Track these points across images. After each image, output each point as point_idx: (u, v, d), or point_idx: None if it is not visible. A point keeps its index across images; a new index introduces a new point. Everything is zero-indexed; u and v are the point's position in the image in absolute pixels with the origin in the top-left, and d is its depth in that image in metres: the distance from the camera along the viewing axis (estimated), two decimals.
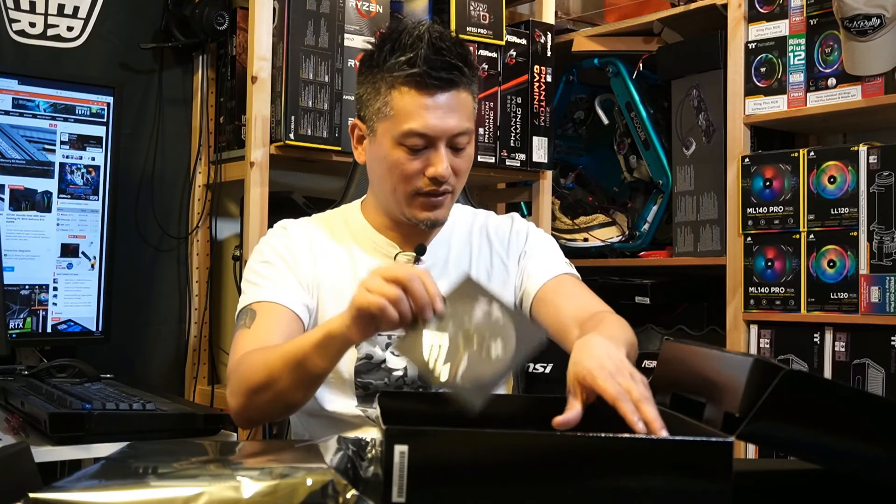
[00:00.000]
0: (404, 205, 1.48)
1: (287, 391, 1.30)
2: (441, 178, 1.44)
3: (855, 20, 2.09)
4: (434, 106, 1.42)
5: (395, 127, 1.43)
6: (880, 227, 2.09)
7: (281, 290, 1.47)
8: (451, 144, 1.45)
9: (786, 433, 0.92)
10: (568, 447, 0.88)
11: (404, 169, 1.45)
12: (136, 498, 0.78)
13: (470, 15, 2.45)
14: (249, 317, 1.45)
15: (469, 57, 1.47)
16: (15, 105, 2.06)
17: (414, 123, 1.42)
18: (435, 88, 1.42)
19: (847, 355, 2.13)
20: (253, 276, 1.51)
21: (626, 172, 2.83)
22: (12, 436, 1.57)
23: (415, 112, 1.42)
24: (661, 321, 2.66)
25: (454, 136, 1.44)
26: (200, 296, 2.51)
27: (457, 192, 1.51)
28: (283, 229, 1.56)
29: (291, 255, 1.51)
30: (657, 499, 0.86)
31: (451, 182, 1.47)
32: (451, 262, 1.57)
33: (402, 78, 1.42)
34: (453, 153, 1.46)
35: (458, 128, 1.44)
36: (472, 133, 1.48)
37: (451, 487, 0.86)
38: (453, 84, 1.43)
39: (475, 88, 1.50)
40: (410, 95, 1.42)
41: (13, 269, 2.04)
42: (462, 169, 1.48)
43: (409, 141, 1.43)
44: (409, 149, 1.44)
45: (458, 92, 1.44)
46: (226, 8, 2.38)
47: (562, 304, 1.50)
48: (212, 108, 2.51)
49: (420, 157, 1.44)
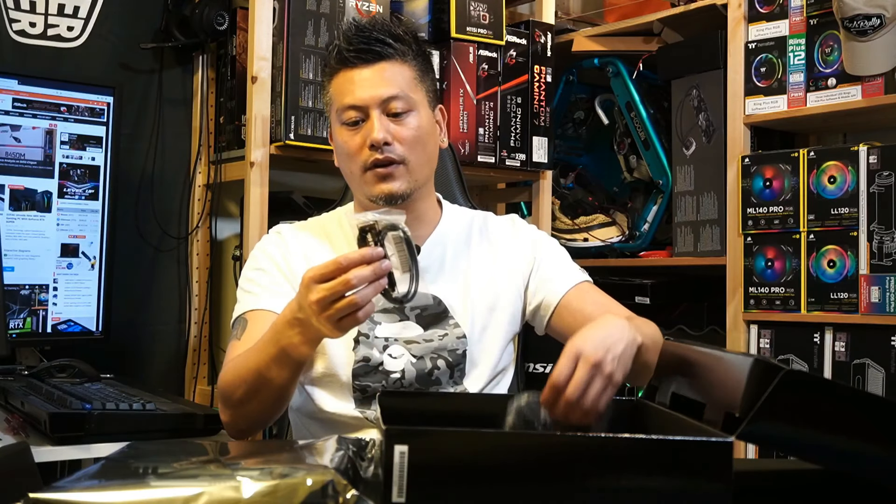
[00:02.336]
0: (362, 184, 1.50)
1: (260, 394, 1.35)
2: (375, 142, 1.46)
3: (855, 20, 2.09)
4: (360, 78, 1.49)
5: (335, 109, 1.52)
6: (880, 227, 2.09)
7: (274, 298, 1.48)
8: (387, 112, 1.49)
9: (786, 433, 0.92)
10: (568, 447, 0.88)
11: (349, 146, 1.49)
12: (136, 498, 0.78)
13: (470, 15, 2.45)
14: (241, 327, 1.48)
15: (397, 32, 1.52)
16: (15, 105, 2.06)
17: (345, 98, 1.49)
18: (360, 62, 1.49)
19: (847, 355, 2.13)
20: (247, 283, 1.53)
21: (626, 172, 2.83)
22: (12, 436, 1.57)
23: (344, 87, 1.50)
24: (661, 321, 2.64)
25: (385, 101, 1.48)
26: (200, 296, 2.51)
27: (413, 165, 1.50)
28: (279, 234, 1.57)
29: (286, 261, 1.52)
30: (657, 499, 0.86)
31: (398, 151, 1.48)
32: (447, 262, 1.57)
33: (332, 63, 1.52)
34: (393, 120, 1.49)
35: (387, 93, 1.48)
36: (411, 101, 1.50)
37: (451, 487, 0.86)
38: (378, 56, 1.49)
39: (415, 61, 1.54)
40: (340, 75, 1.51)
41: (13, 269, 2.04)
42: (406, 137, 1.49)
43: (346, 115, 1.49)
44: (349, 126, 1.49)
45: (386, 62, 1.50)
46: (226, 8, 2.38)
47: (589, 312, 1.51)
48: (212, 108, 2.50)
49: (359, 130, 1.49)
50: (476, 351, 1.53)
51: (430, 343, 1.51)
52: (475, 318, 1.54)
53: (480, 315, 1.55)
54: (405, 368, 1.49)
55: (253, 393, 1.35)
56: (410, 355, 1.49)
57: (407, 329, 1.51)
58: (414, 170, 1.50)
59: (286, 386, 1.35)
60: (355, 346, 1.49)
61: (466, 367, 1.52)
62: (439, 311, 1.53)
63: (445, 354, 1.51)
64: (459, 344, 1.52)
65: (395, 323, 1.51)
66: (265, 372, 1.32)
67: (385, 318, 1.51)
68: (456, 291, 1.55)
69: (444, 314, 1.53)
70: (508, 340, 1.59)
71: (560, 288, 1.56)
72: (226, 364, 1.44)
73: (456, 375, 1.52)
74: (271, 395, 1.35)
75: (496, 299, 1.57)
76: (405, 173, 1.49)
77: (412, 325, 1.52)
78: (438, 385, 1.50)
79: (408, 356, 1.49)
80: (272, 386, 1.34)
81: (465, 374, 1.52)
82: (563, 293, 1.55)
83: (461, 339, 1.52)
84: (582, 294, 1.56)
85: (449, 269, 1.56)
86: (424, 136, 1.51)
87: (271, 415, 1.42)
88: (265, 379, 1.33)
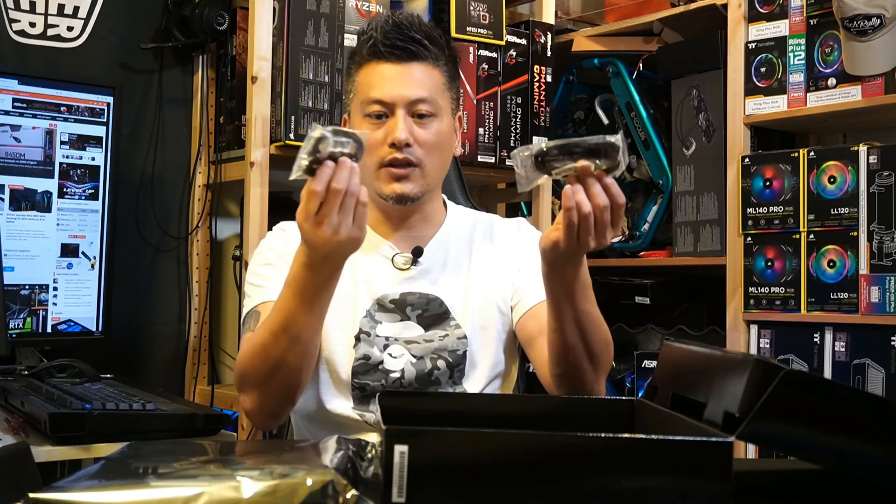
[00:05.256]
0: (374, 179, 1.50)
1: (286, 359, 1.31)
2: (398, 141, 1.45)
3: (855, 20, 2.09)
4: (391, 74, 1.48)
5: (359, 99, 1.50)
6: (880, 227, 2.09)
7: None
8: (413, 113, 1.48)
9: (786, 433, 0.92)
10: (568, 447, 0.88)
11: (369, 139, 1.46)
12: (136, 498, 0.78)
13: (470, 15, 2.45)
14: (254, 319, 1.46)
15: (434, 34, 1.51)
16: (15, 105, 2.06)
17: (373, 91, 1.48)
18: (393, 58, 1.48)
19: (847, 355, 2.13)
20: (255, 278, 1.52)
21: (626, 172, 2.83)
22: (12, 436, 1.57)
23: (373, 80, 1.49)
24: (661, 321, 2.66)
25: (412, 103, 1.48)
26: (200, 296, 2.51)
27: (428, 170, 1.50)
28: (283, 231, 1.57)
29: (292, 256, 1.51)
30: (657, 499, 0.86)
31: (417, 153, 1.48)
32: (449, 263, 1.57)
33: (364, 53, 1.50)
34: (417, 122, 1.48)
35: (416, 94, 1.48)
36: (438, 106, 1.50)
37: (451, 487, 0.86)
38: (413, 55, 1.48)
39: (446, 67, 1.53)
40: (370, 66, 1.50)
41: (13, 269, 2.04)
42: (427, 141, 1.48)
43: (370, 108, 1.48)
44: (372, 118, 1.48)
45: (420, 63, 1.49)
46: (226, 8, 2.38)
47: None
48: (212, 108, 2.51)
49: (382, 125, 1.48)
50: (476, 352, 1.53)
51: (430, 343, 1.51)
52: (476, 319, 1.54)
53: (481, 316, 1.55)
54: (405, 368, 1.49)
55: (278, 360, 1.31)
56: (410, 355, 1.49)
57: (408, 329, 1.51)
58: (428, 174, 1.51)
59: (311, 338, 1.32)
60: (356, 344, 1.49)
61: (466, 368, 1.52)
62: (440, 311, 1.53)
63: (445, 355, 1.51)
64: (460, 345, 1.52)
65: (395, 323, 1.51)
66: (290, 326, 1.29)
67: (386, 317, 1.51)
68: (457, 292, 1.55)
69: (445, 315, 1.53)
70: (509, 342, 1.59)
71: (536, 296, 1.51)
72: (238, 364, 1.41)
73: (455, 376, 1.52)
74: (297, 354, 1.31)
75: (497, 302, 1.57)
76: (420, 176, 1.50)
77: (413, 325, 1.52)
78: (438, 385, 1.50)
79: (408, 356, 1.49)
80: (300, 341, 1.30)
81: (464, 375, 1.52)
82: (536, 301, 1.51)
83: (462, 339, 1.52)
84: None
85: (451, 269, 1.57)
86: (443, 143, 1.52)
87: (298, 383, 1.37)
88: (290, 334, 1.30)
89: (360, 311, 1.51)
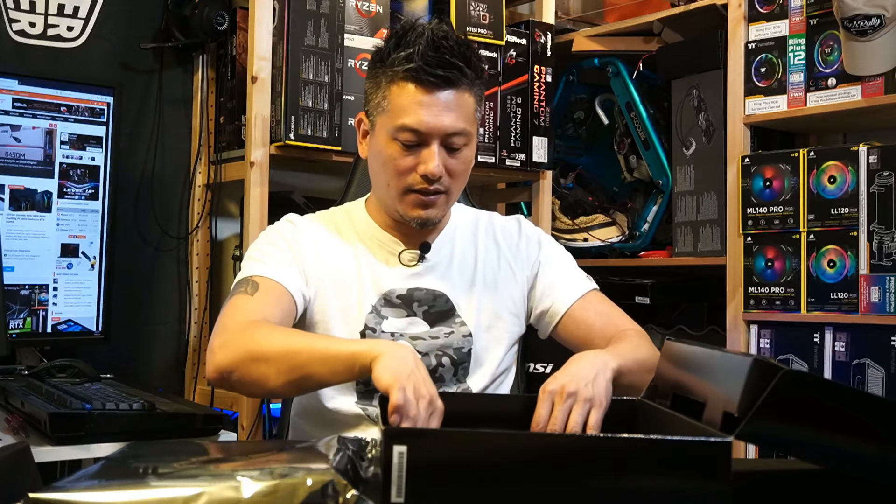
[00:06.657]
0: (397, 201, 1.48)
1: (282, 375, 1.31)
2: (432, 175, 1.43)
3: (855, 20, 2.09)
4: (429, 103, 1.42)
5: (391, 121, 1.44)
6: (880, 227, 2.09)
7: (284, 272, 1.46)
8: (446, 144, 1.44)
9: (785, 433, 0.92)
10: (568, 447, 0.88)
11: (397, 164, 1.45)
12: (136, 498, 0.78)
13: (470, 15, 2.45)
14: (251, 286, 1.43)
15: (472, 59, 1.46)
16: (15, 105, 2.06)
17: (408, 118, 1.42)
18: (431, 85, 1.42)
19: (847, 355, 2.13)
20: (257, 252, 1.50)
21: (626, 172, 2.83)
22: (12, 436, 1.57)
23: (409, 107, 1.42)
24: (661, 321, 2.66)
25: (448, 135, 1.44)
26: (200, 296, 2.51)
27: (453, 194, 1.51)
28: (291, 223, 1.56)
29: (298, 245, 1.51)
30: (657, 499, 0.86)
31: (445, 183, 1.46)
32: (455, 261, 1.57)
33: (401, 73, 1.43)
34: (448, 153, 1.45)
35: (453, 127, 1.43)
36: (469, 135, 1.47)
37: (450, 487, 0.86)
38: (451, 83, 1.43)
39: (479, 91, 1.49)
40: (406, 90, 1.43)
41: (13, 269, 2.04)
42: (457, 171, 1.47)
43: (403, 136, 1.43)
44: (402, 144, 1.44)
45: (457, 92, 1.44)
46: (226, 8, 2.38)
47: (593, 323, 1.55)
48: (212, 108, 2.51)
49: (413, 153, 1.44)
50: (481, 350, 1.53)
51: (435, 340, 1.51)
52: (481, 317, 1.55)
53: (486, 314, 1.55)
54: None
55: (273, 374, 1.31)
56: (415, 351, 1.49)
57: (413, 325, 1.51)
58: (452, 197, 1.51)
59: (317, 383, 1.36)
60: (362, 339, 1.49)
61: (471, 365, 1.53)
62: (446, 308, 1.53)
63: (450, 352, 1.51)
64: (465, 342, 1.52)
65: (401, 318, 1.51)
66: (307, 377, 1.31)
67: (392, 312, 1.51)
68: (464, 289, 1.55)
69: (450, 312, 1.53)
70: (513, 341, 1.60)
71: (567, 297, 1.57)
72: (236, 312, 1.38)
73: (460, 373, 1.52)
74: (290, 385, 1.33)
75: (501, 300, 1.57)
76: (445, 202, 1.50)
77: (419, 321, 1.52)
78: (442, 382, 1.50)
79: None
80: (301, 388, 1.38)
81: (468, 373, 1.53)
82: (570, 303, 1.57)
83: (467, 337, 1.52)
84: (588, 304, 1.58)
85: (458, 266, 1.57)
86: (469, 167, 1.51)
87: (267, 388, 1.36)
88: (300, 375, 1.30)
89: (365, 306, 1.51)
